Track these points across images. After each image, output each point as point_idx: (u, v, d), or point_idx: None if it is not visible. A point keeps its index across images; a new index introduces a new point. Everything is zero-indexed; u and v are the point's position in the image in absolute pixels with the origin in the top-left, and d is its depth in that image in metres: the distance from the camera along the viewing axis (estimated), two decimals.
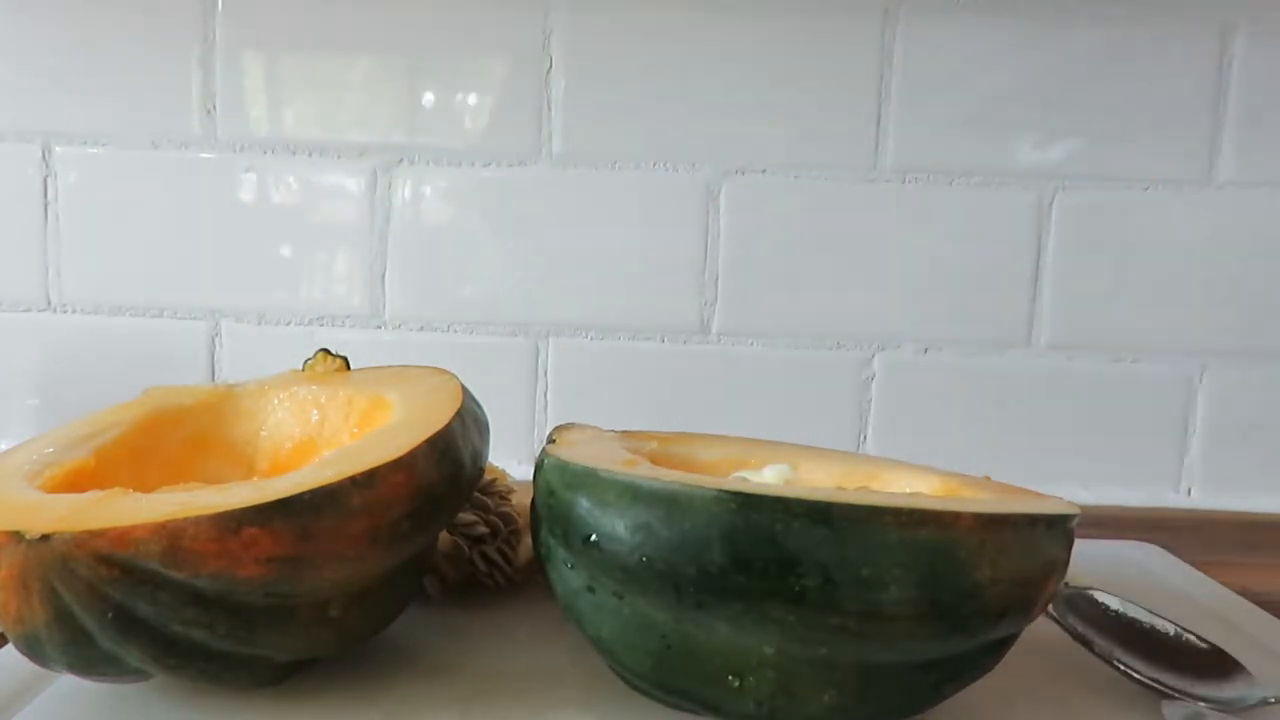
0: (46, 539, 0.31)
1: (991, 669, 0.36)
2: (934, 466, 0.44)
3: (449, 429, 0.40)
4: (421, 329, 0.77)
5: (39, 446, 0.40)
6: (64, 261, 0.76)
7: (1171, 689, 0.39)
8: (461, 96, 0.75)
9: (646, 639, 0.35)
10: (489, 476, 0.52)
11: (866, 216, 0.76)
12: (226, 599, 0.33)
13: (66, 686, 0.39)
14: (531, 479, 0.40)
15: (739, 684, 0.34)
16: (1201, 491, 0.77)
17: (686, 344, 0.77)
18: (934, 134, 0.75)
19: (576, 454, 0.38)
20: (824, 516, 0.32)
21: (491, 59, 0.75)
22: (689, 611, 0.34)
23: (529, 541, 0.45)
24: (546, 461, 0.38)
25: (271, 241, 0.77)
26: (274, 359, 0.74)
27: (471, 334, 0.77)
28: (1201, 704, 0.38)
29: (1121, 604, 0.44)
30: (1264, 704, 0.39)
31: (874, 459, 0.47)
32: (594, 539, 0.35)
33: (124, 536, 0.32)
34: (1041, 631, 0.42)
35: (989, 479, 0.42)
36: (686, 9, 0.74)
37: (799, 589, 0.32)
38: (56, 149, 0.76)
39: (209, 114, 0.75)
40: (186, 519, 0.32)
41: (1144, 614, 0.43)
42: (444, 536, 0.48)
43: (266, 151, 0.76)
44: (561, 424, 0.47)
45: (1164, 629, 0.43)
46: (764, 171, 0.76)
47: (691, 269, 0.76)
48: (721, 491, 0.33)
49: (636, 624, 0.35)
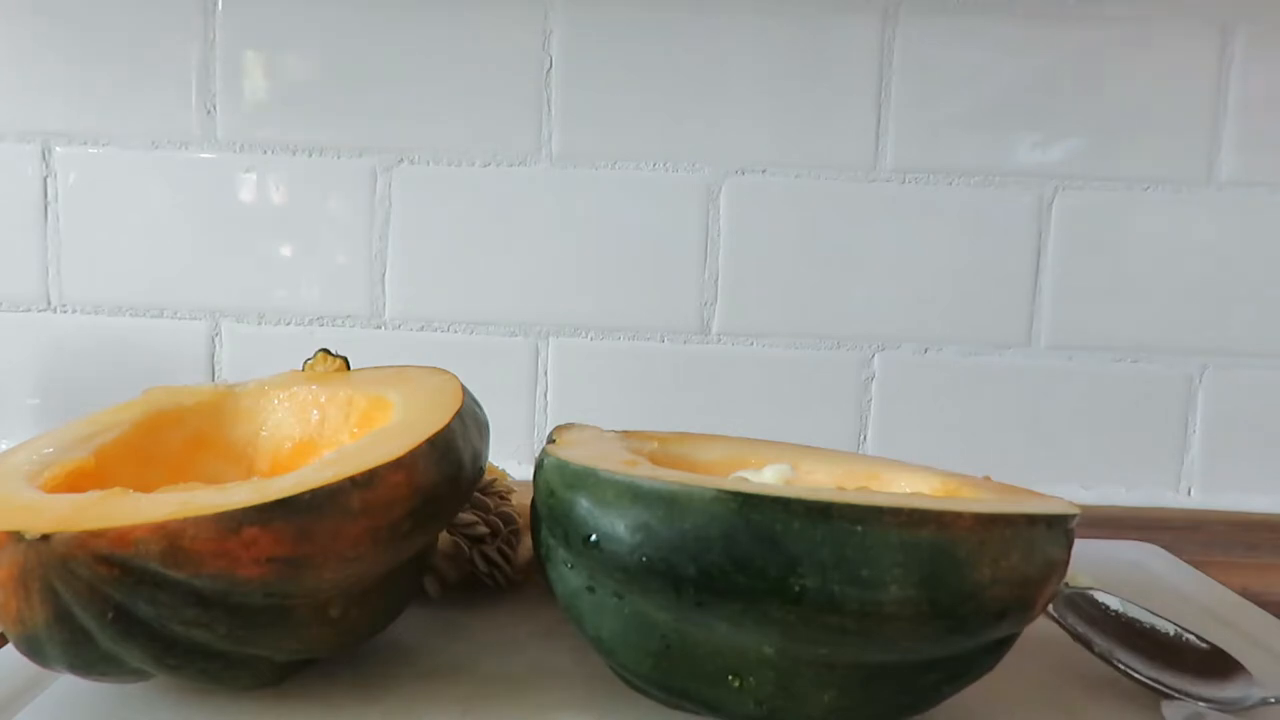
0: (46, 539, 0.31)
1: (991, 669, 0.36)
2: (934, 466, 0.44)
3: (449, 429, 0.40)
4: (421, 329, 0.77)
5: (39, 446, 0.40)
6: (64, 261, 0.76)
7: (1171, 689, 0.39)
8: (461, 96, 0.75)
9: (646, 639, 0.35)
10: (489, 476, 0.52)
11: (866, 216, 0.76)
12: (226, 599, 0.33)
13: (66, 686, 0.39)
14: (531, 479, 0.40)
15: (739, 684, 0.34)
16: (1201, 491, 0.77)
17: (686, 344, 0.77)
18: (934, 134, 0.75)
19: (576, 454, 0.38)
20: (824, 516, 0.32)
21: (491, 59, 0.75)
22: (689, 611, 0.34)
23: (529, 541, 0.45)
24: (546, 461, 0.38)
25: (271, 241, 0.77)
26: (274, 359, 0.74)
27: (471, 334, 0.77)
28: (1201, 704, 0.38)
29: (1121, 604, 0.44)
30: (1264, 704, 0.39)
31: (874, 459, 0.47)
32: (594, 539, 0.35)
33: (124, 536, 0.32)
34: (1041, 631, 0.42)
35: (989, 479, 0.42)
36: (686, 9, 0.74)
37: (799, 589, 0.32)
38: (56, 149, 0.76)
39: (209, 114, 0.75)
40: (186, 519, 0.32)
41: (1144, 614, 0.43)
42: (444, 536, 0.48)
43: (266, 151, 0.76)
44: (561, 424, 0.47)
45: (1164, 629, 0.43)
46: (764, 171, 0.76)
47: (691, 269, 0.76)
48: (721, 491, 0.33)
49: (636, 624, 0.35)
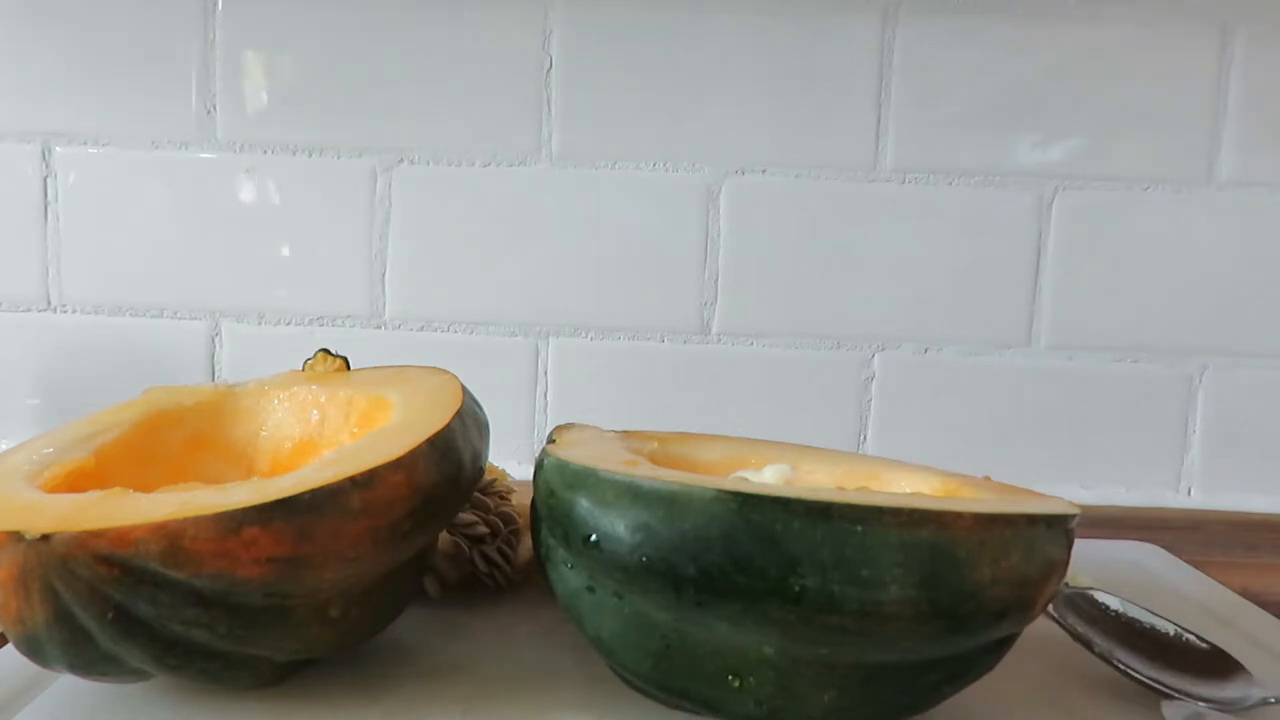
0: (46, 539, 0.31)
1: (991, 669, 0.36)
2: (934, 466, 0.44)
3: (449, 429, 0.40)
4: (421, 329, 0.77)
5: (39, 446, 0.40)
6: (64, 261, 0.76)
7: (1171, 689, 0.39)
8: (461, 96, 0.75)
9: (646, 639, 0.35)
10: (489, 476, 0.52)
11: (866, 216, 0.76)
12: (226, 599, 0.33)
13: (66, 686, 0.39)
14: (531, 479, 0.40)
15: (739, 684, 0.34)
16: (1201, 491, 0.77)
17: (686, 344, 0.77)
18: (934, 134, 0.75)
19: (576, 454, 0.38)
20: (824, 516, 0.32)
21: (491, 59, 0.75)
22: (689, 611, 0.34)
23: (529, 541, 0.45)
24: (546, 461, 0.38)
25: (271, 241, 0.77)
26: (274, 359, 0.74)
27: (471, 334, 0.77)
28: (1201, 704, 0.38)
29: (1121, 604, 0.44)
30: (1264, 704, 0.39)
31: (874, 459, 0.47)
32: (594, 539, 0.35)
33: (124, 536, 0.32)
34: (1041, 631, 0.42)
35: (989, 479, 0.42)
36: (686, 9, 0.74)
37: (799, 589, 0.32)
38: (56, 149, 0.76)
39: (209, 114, 0.75)
40: (186, 519, 0.32)
41: (1144, 614, 0.43)
42: (444, 536, 0.48)
43: (266, 151, 0.76)
44: (561, 424, 0.47)
45: (1164, 629, 0.43)
46: (764, 171, 0.76)
47: (691, 269, 0.76)
48: (721, 491, 0.33)
49: (636, 624, 0.35)
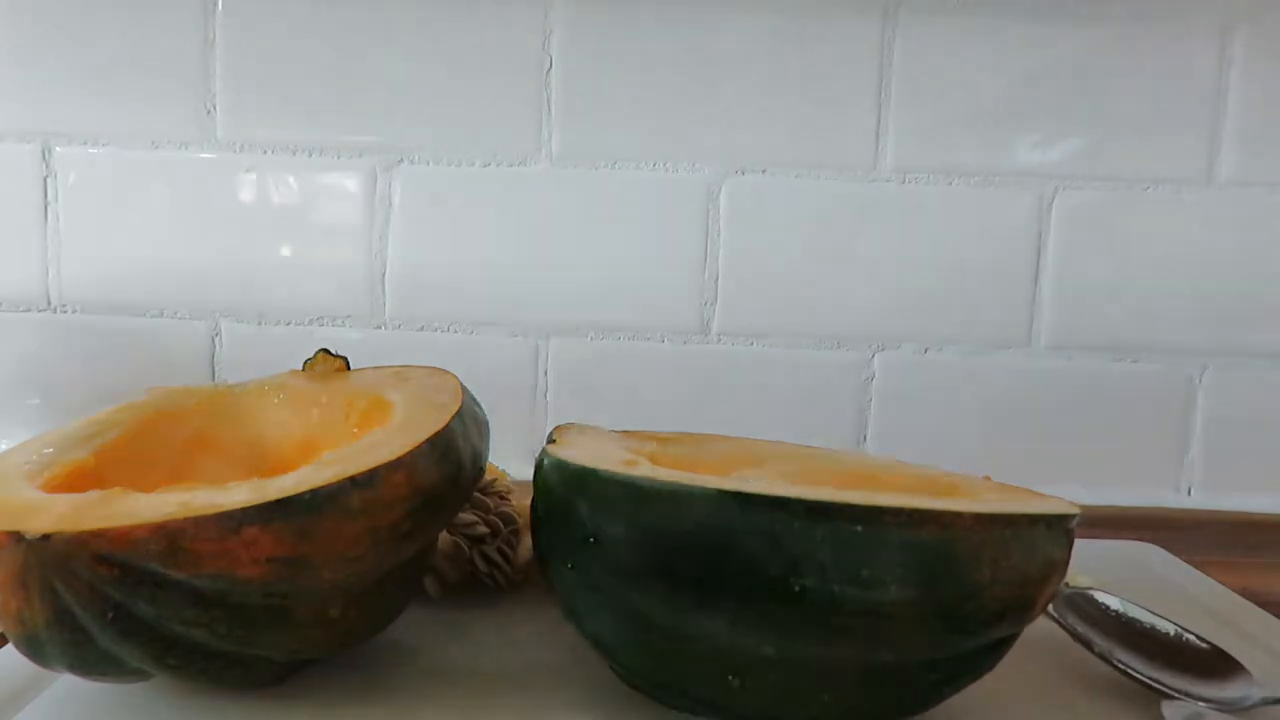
0: (46, 539, 0.31)
1: (991, 669, 0.36)
2: (934, 466, 0.44)
3: (449, 429, 0.40)
4: (421, 329, 0.77)
5: (39, 446, 0.40)
6: (64, 261, 0.76)
7: (1171, 689, 0.39)
8: (461, 96, 0.75)
9: (646, 639, 0.35)
10: (489, 476, 0.52)
11: (866, 216, 0.76)
12: (226, 599, 0.33)
13: (66, 686, 0.39)
14: (531, 479, 0.40)
15: (739, 684, 0.34)
16: (1201, 491, 0.77)
17: (686, 344, 0.77)
18: (934, 134, 0.75)
19: (576, 454, 0.38)
20: (824, 516, 0.32)
21: (491, 59, 0.75)
22: (689, 611, 0.34)
23: (529, 541, 0.45)
24: (546, 461, 0.38)
25: (271, 241, 0.77)
26: (274, 359, 0.74)
27: (471, 334, 0.77)
28: (1201, 704, 0.38)
29: (1121, 604, 0.44)
30: (1264, 704, 0.39)
31: (874, 459, 0.47)
32: (594, 539, 0.35)
33: (124, 536, 0.32)
34: (1041, 631, 0.42)
35: (989, 479, 0.42)
36: (686, 9, 0.74)
37: (799, 589, 0.32)
38: (56, 149, 0.76)
39: (209, 114, 0.75)
40: (186, 519, 0.32)
41: (1144, 614, 0.43)
42: (444, 536, 0.48)
43: (266, 151, 0.76)
44: (561, 424, 0.47)
45: (1164, 629, 0.43)
46: (764, 171, 0.76)
47: (691, 269, 0.76)
48: (721, 491, 0.33)
49: (636, 624, 0.35)
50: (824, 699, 0.34)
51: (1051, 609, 0.44)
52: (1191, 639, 0.42)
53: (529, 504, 0.40)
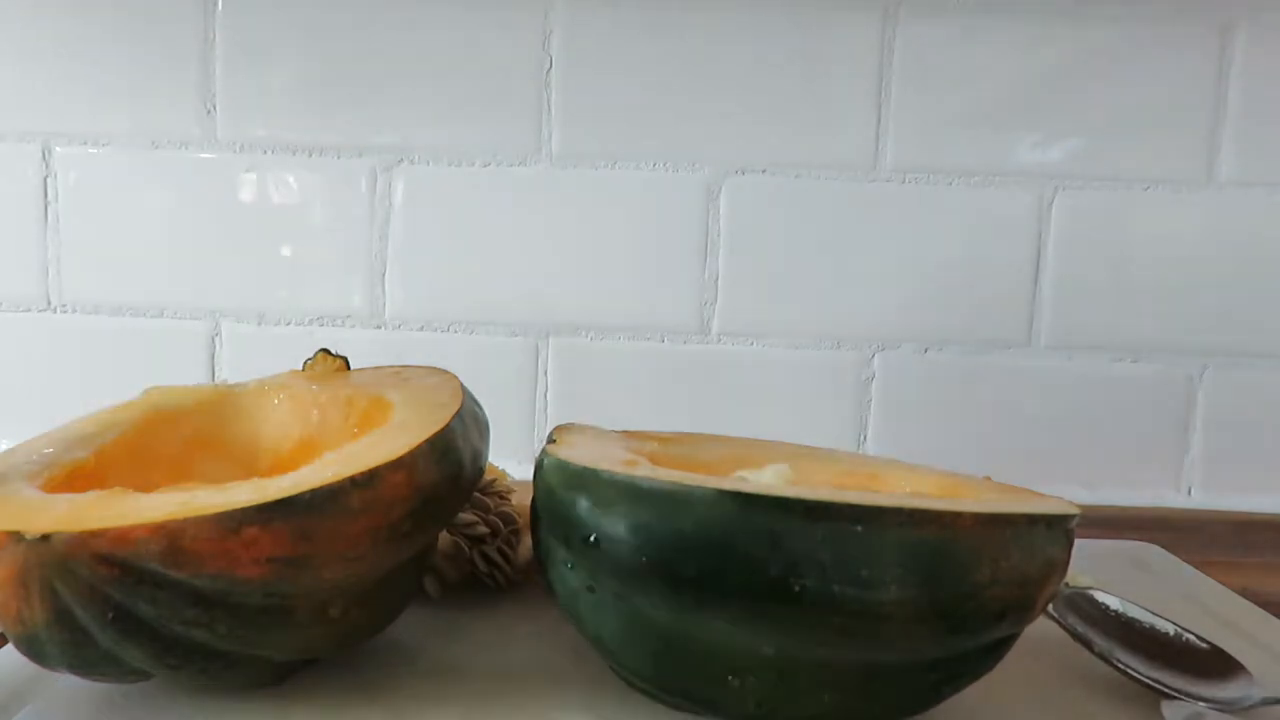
0: (46, 539, 0.31)
1: (991, 669, 0.36)
2: (934, 466, 0.44)
3: (449, 429, 0.40)
4: (421, 329, 0.77)
5: (39, 446, 0.40)
6: (64, 261, 0.76)
7: (1171, 689, 0.39)
8: (461, 96, 0.75)
9: (646, 639, 0.35)
10: (489, 476, 0.52)
11: (866, 216, 0.76)
12: (226, 599, 0.33)
13: (66, 686, 0.39)
14: (531, 479, 0.40)
15: (739, 684, 0.34)
16: (1201, 491, 0.77)
17: (686, 344, 0.77)
18: (934, 134, 0.75)
19: (576, 454, 0.38)
20: (824, 517, 0.32)
21: (491, 59, 0.75)
22: (689, 611, 0.34)
23: (529, 541, 0.45)
24: (546, 461, 0.38)
25: (271, 241, 0.77)
26: (274, 359, 0.74)
27: (471, 334, 0.77)
28: (1201, 704, 0.38)
29: (1121, 604, 0.44)
30: (1264, 704, 0.39)
31: (874, 459, 0.47)
32: (594, 539, 0.35)
33: (124, 536, 0.32)
34: (1041, 631, 0.42)
35: (989, 479, 0.42)
36: (686, 8, 0.74)
37: (799, 589, 0.32)
38: (56, 149, 0.76)
39: (209, 114, 0.75)
40: (186, 519, 0.32)
41: (1144, 614, 0.43)
42: (444, 536, 0.48)
43: (266, 151, 0.76)
44: (561, 424, 0.47)
45: (1164, 629, 0.43)
46: (764, 171, 0.76)
47: (691, 269, 0.76)
48: (721, 491, 0.33)
49: (636, 624, 0.35)
50: (824, 699, 0.34)
51: (1051, 609, 0.44)
52: (1191, 639, 0.42)
53: (529, 504, 0.40)
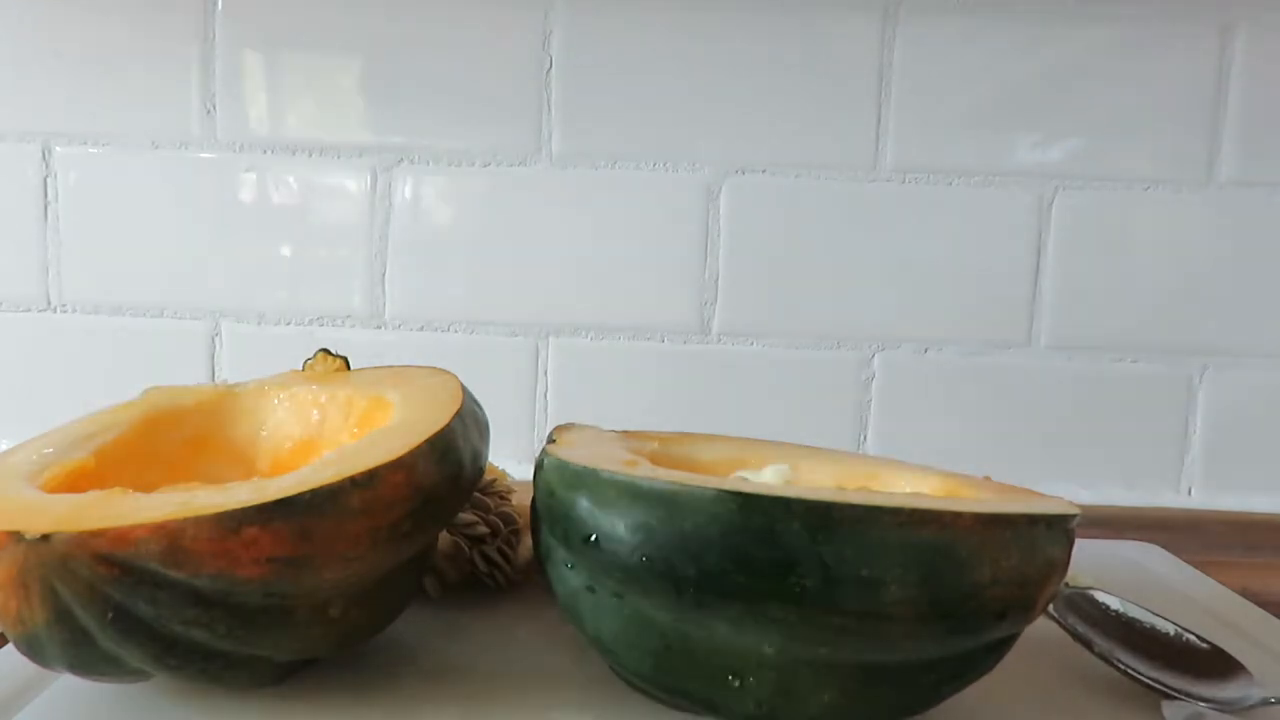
0: (46, 539, 0.31)
1: (991, 669, 0.36)
2: (934, 466, 0.44)
3: (449, 429, 0.39)
4: (421, 329, 0.77)
5: (39, 446, 0.40)
6: (64, 261, 0.76)
7: (1171, 689, 0.39)
8: (461, 96, 0.75)
9: (646, 639, 0.35)
10: (489, 476, 0.52)
11: (866, 216, 0.76)
12: (226, 599, 0.33)
13: (66, 686, 0.39)
14: (531, 479, 0.40)
15: (739, 684, 0.34)
16: (1201, 491, 0.77)
17: (686, 344, 0.77)
18: (934, 134, 0.75)
19: (576, 454, 0.38)
20: (824, 516, 0.32)
21: (491, 59, 0.75)
22: (689, 611, 0.34)
23: (529, 541, 0.45)
24: (546, 461, 0.38)
25: (271, 241, 0.77)
26: (274, 359, 0.74)
27: (471, 334, 0.77)
28: (1201, 704, 0.38)
29: (1121, 604, 0.44)
30: (1264, 704, 0.39)
31: (874, 459, 0.47)
32: (594, 539, 0.35)
33: (124, 536, 0.32)
34: (1041, 631, 0.42)
35: (989, 479, 0.42)
36: (686, 9, 0.74)
37: (799, 589, 0.32)
38: (56, 149, 0.76)
39: (209, 114, 0.75)
40: (186, 519, 0.32)
41: (1144, 614, 0.43)
42: (444, 536, 0.48)
43: (266, 151, 0.76)
44: (561, 424, 0.47)
45: (1164, 629, 0.43)
46: (764, 171, 0.76)
47: (691, 269, 0.76)
48: (721, 491, 0.33)
49: (636, 624, 0.35)
50: (824, 699, 0.34)
51: (1052, 609, 0.44)
52: (1191, 639, 0.42)
53: (529, 504, 0.40)
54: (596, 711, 0.38)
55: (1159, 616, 0.43)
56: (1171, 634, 0.42)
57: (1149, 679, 0.40)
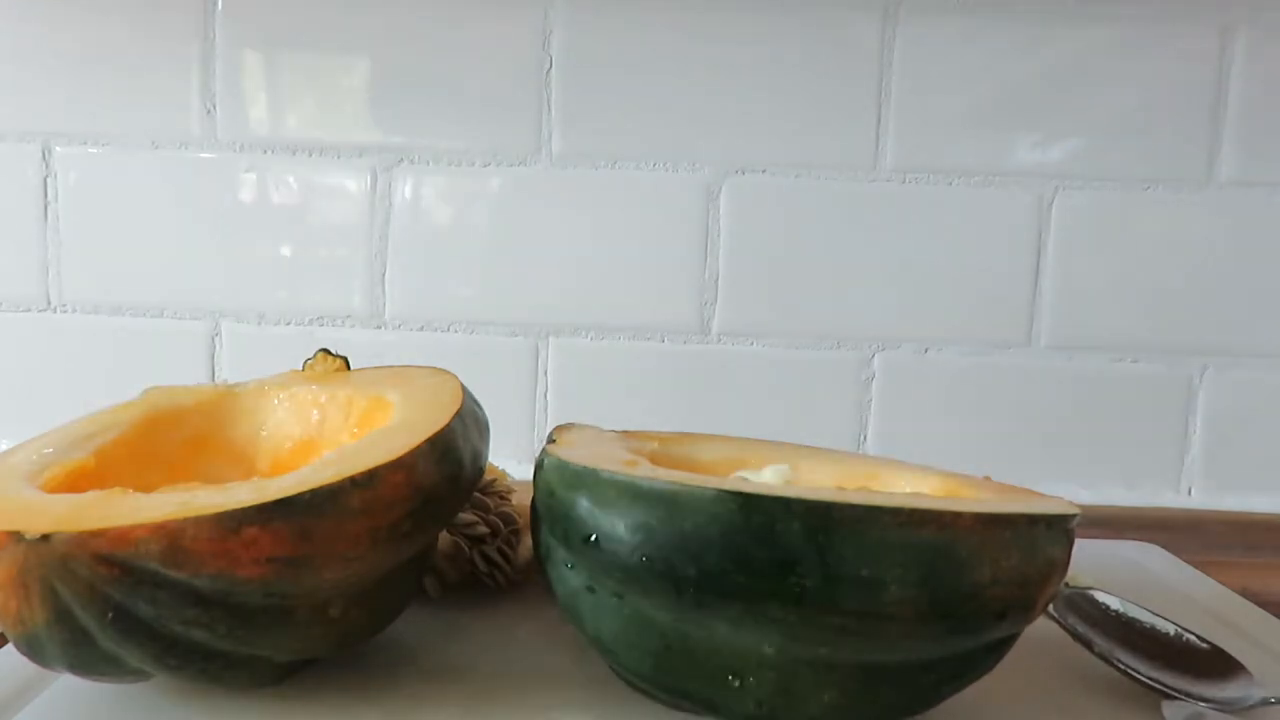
0: (46, 539, 0.31)
1: (991, 669, 0.36)
2: (934, 466, 0.44)
3: (449, 429, 0.40)
4: (421, 329, 0.77)
5: (39, 446, 0.40)
6: (64, 261, 0.76)
7: (1171, 689, 0.39)
8: (462, 96, 0.75)
9: (646, 639, 0.35)
10: (489, 476, 0.52)
11: (866, 216, 0.76)
12: (226, 599, 0.33)
13: (66, 686, 0.39)
14: (531, 479, 0.40)
15: (739, 684, 0.34)
16: (1201, 491, 0.77)
17: (686, 344, 0.77)
18: (934, 134, 0.75)
19: (576, 454, 0.38)
20: (824, 516, 0.32)
21: (491, 59, 0.75)
22: (689, 611, 0.34)
23: (529, 541, 0.45)
24: (546, 461, 0.38)
25: (271, 241, 0.77)
26: (274, 359, 0.74)
27: (471, 334, 0.77)
28: (1201, 704, 0.38)
29: (1121, 604, 0.44)
30: (1264, 704, 0.39)
31: (874, 459, 0.47)
32: (594, 539, 0.35)
33: (124, 536, 0.32)
34: (1041, 631, 0.42)
35: (989, 479, 0.42)
36: (686, 9, 0.74)
37: (799, 589, 0.32)
38: (56, 149, 0.76)
39: (209, 114, 0.75)
40: (186, 519, 0.32)
41: (1144, 614, 0.43)
42: (444, 536, 0.48)
43: (266, 151, 0.76)
44: (561, 424, 0.47)
45: (1164, 629, 0.43)
46: (764, 171, 0.76)
47: (691, 269, 0.76)
48: (721, 491, 0.33)
49: (636, 624, 0.35)
50: (824, 699, 0.34)
51: (1052, 609, 0.44)
52: (1191, 639, 0.42)
53: (529, 504, 0.40)
54: (596, 711, 0.38)
55: (1159, 616, 0.43)
56: (1171, 634, 0.42)
57: (1149, 679, 0.40)
